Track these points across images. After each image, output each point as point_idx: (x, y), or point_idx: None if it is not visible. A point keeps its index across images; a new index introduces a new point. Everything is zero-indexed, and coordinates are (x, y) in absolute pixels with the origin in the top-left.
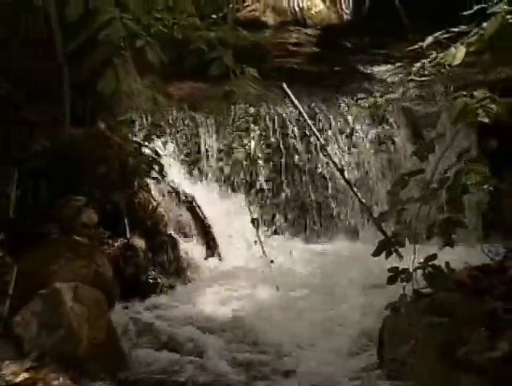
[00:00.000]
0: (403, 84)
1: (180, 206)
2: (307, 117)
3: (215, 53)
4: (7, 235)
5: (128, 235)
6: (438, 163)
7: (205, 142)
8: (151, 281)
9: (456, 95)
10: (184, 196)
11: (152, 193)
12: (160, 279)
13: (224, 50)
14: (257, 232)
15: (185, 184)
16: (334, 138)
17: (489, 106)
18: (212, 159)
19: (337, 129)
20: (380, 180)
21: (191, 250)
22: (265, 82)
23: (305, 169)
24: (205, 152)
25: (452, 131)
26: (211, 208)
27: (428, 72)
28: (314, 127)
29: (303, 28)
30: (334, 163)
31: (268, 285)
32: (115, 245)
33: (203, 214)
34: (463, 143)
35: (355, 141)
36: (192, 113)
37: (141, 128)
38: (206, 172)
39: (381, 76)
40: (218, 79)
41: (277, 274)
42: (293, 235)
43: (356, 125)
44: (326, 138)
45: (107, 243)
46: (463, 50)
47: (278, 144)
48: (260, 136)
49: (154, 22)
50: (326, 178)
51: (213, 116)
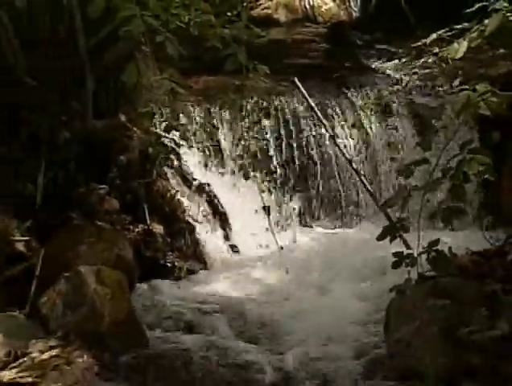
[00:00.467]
0: (408, 78)
1: (197, 193)
2: (317, 110)
3: (229, 50)
4: (34, 221)
5: (148, 221)
6: (441, 154)
7: (220, 133)
8: (169, 265)
9: (459, 88)
10: (201, 184)
11: (170, 181)
12: (178, 263)
13: (238, 47)
14: (268, 219)
15: (201, 173)
16: (343, 130)
17: (491, 99)
18: (226, 149)
19: (344, 120)
20: (387, 169)
21: (207, 236)
22: (277, 77)
23: (316, 159)
24: (220, 142)
25: (455, 124)
26: (226, 196)
27: (431, 67)
28: (324, 119)
29: (314, 25)
30: (343, 153)
31: (279, 269)
32: (135, 231)
33: (218, 201)
34: (465, 136)
35: (362, 131)
36: (207, 105)
37: (161, 120)
38: (221, 162)
39: (387, 71)
40: (232, 73)
41: (288, 259)
42: (308, 221)
43: (363, 117)
44: (334, 129)
45: (128, 228)
46: (465, 45)
47: (290, 134)
48: (271, 127)
49: (171, 18)
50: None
51: (227, 108)
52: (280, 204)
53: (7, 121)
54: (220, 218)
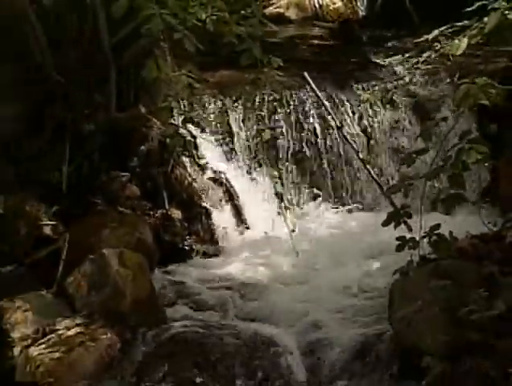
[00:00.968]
0: (411, 72)
1: (213, 180)
2: (325, 102)
3: (244, 45)
4: (60, 207)
5: (166, 206)
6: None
7: (234, 123)
8: (187, 248)
9: (459, 82)
10: (216, 172)
11: (188, 170)
12: (195, 246)
13: (252, 42)
14: (280, 204)
15: (217, 161)
16: (350, 121)
17: (489, 91)
18: (240, 139)
19: (351, 112)
20: (390, 158)
21: (222, 220)
22: (289, 72)
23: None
24: (234, 132)
25: (455, 115)
26: (240, 182)
27: (434, 62)
28: (332, 111)
29: (323, 23)
30: (349, 143)
31: (290, 252)
32: (155, 216)
33: (233, 187)
34: (464, 127)
35: (368, 123)
36: (222, 97)
37: (179, 112)
38: (235, 150)
39: (391, 65)
40: (248, 68)
41: (300, 241)
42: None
43: (369, 108)
44: (342, 121)
45: (148, 214)
46: (465, 41)
47: (301, 125)
48: (284, 117)
49: (188, 16)
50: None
51: (242, 100)
52: (292, 190)
53: (36, 116)
54: (234, 204)
